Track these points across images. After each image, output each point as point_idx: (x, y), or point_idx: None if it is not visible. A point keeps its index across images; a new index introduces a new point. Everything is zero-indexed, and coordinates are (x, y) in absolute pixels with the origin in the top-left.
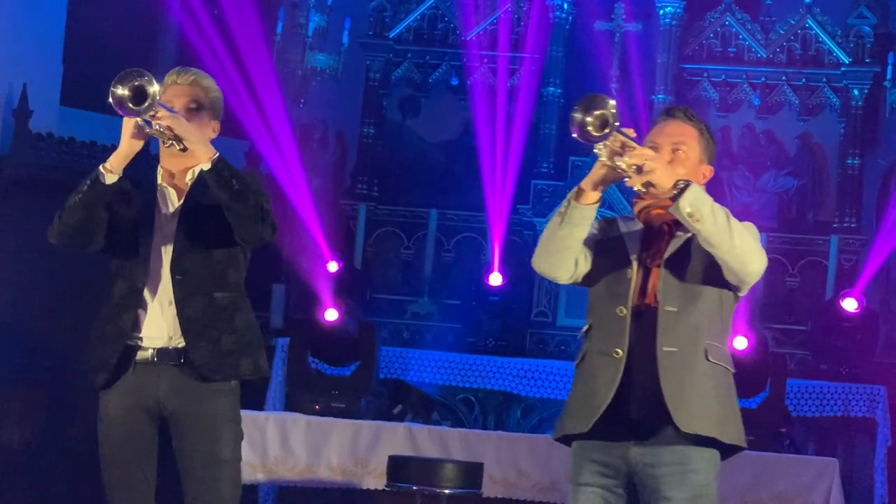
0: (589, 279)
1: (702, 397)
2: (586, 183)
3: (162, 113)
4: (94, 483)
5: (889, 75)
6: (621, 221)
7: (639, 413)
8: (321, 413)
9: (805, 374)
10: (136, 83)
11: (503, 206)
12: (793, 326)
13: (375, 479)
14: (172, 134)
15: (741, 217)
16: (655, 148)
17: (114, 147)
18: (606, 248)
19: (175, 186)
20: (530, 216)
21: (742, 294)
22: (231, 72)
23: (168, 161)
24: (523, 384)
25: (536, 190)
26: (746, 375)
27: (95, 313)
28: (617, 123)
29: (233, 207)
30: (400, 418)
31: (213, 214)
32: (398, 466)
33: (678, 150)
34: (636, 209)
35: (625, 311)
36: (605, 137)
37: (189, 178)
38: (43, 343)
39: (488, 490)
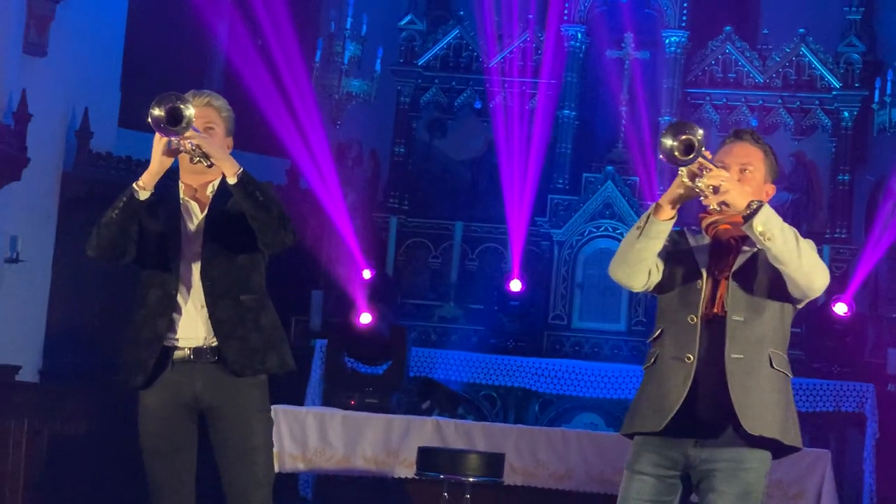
0: (660, 288)
1: (766, 402)
2: (665, 200)
3: (191, 133)
4: (140, 472)
5: (876, 98)
6: (690, 235)
7: (705, 414)
8: (356, 408)
9: (800, 373)
10: (172, 105)
11: (522, 219)
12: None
13: (406, 469)
14: (201, 152)
15: None
16: (724, 167)
17: None
18: (677, 260)
19: (197, 200)
20: (547, 228)
21: (800, 306)
22: (273, 96)
23: (188, 177)
24: (541, 382)
25: (553, 204)
26: None
27: (131, 318)
28: (703, 148)
29: (258, 217)
30: (428, 413)
31: (235, 224)
32: (427, 457)
33: (746, 170)
34: (704, 224)
35: (695, 319)
36: (692, 161)
37: (210, 191)
38: (99, 343)
39: (509, 478)
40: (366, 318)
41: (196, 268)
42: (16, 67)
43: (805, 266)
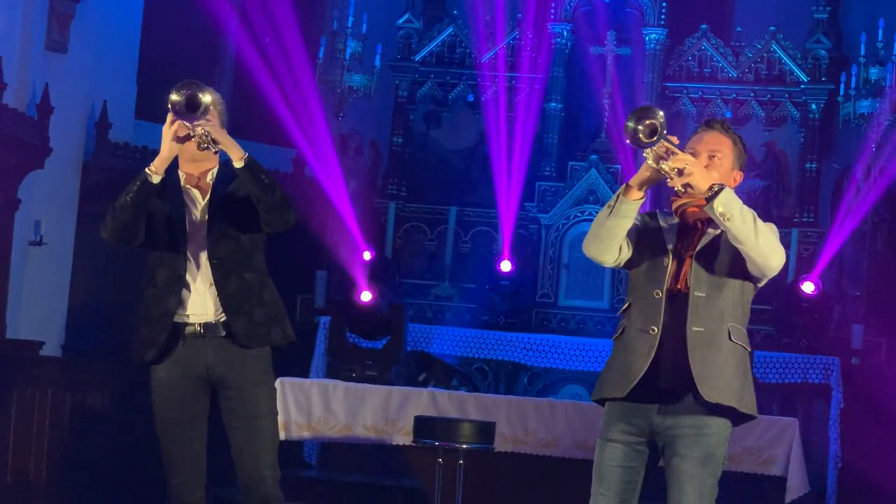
0: (631, 264)
1: (724, 372)
2: (634, 181)
3: (202, 120)
4: (158, 440)
5: (842, 92)
6: (661, 216)
7: (667, 383)
8: (357, 380)
9: (770, 347)
10: (191, 92)
11: (512, 204)
12: (759, 306)
13: (403, 437)
14: (210, 138)
15: None
16: (694, 154)
17: None
18: (647, 239)
19: (198, 187)
20: (535, 212)
21: (761, 285)
22: (280, 90)
23: (187, 166)
24: (529, 355)
25: (540, 190)
26: None
27: (137, 299)
28: (665, 132)
29: (263, 198)
30: (424, 385)
31: (237, 207)
32: (423, 425)
33: (714, 156)
34: (674, 206)
35: (660, 294)
36: (654, 143)
37: (210, 178)
38: (117, 320)
39: (500, 445)
40: (366, 297)
41: (204, 249)
42: (39, 63)
43: (762, 246)
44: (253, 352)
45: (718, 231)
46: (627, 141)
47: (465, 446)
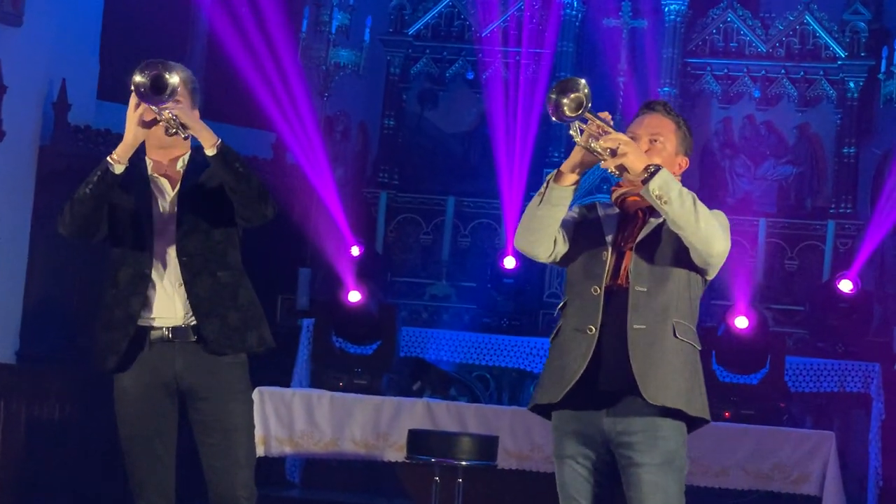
0: (567, 259)
1: (669, 372)
2: (565, 166)
3: (169, 103)
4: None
5: (883, 68)
6: (601, 207)
7: (609, 386)
8: (345, 389)
9: (803, 352)
10: (157, 73)
11: (516, 194)
12: (792, 307)
13: (396, 452)
14: (178, 122)
15: (743, 205)
16: (635, 138)
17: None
18: (584, 231)
19: (167, 176)
20: None
21: (710, 277)
22: (258, 67)
23: (155, 153)
24: (536, 362)
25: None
26: (747, 353)
27: (97, 301)
28: (589, 105)
29: (237, 188)
30: (419, 394)
31: (210, 199)
32: (418, 440)
33: (655, 140)
34: (614, 196)
35: (598, 290)
36: (578, 118)
37: (180, 166)
38: (80, 324)
39: (503, 462)
40: (354, 297)
41: (172, 245)
42: None
43: (703, 230)
44: (227, 359)
45: (660, 220)
46: (550, 114)
47: (464, 463)
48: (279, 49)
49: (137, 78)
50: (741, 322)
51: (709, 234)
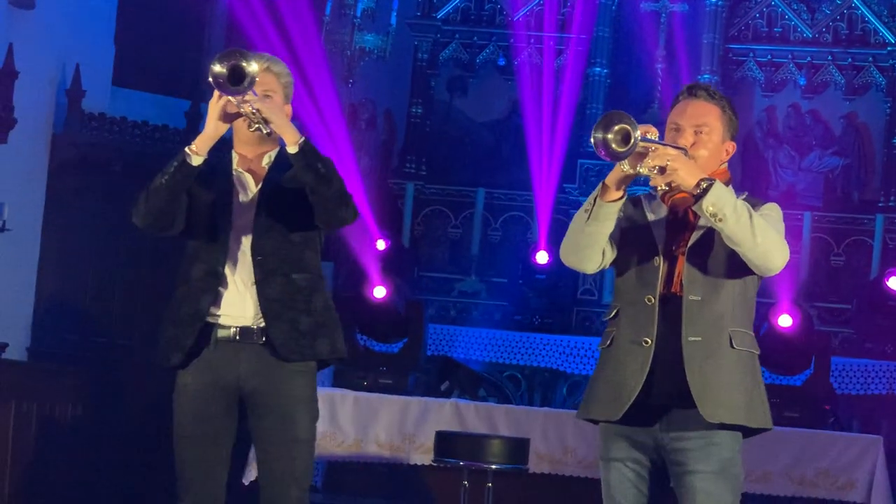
0: (616, 265)
1: (727, 385)
2: (610, 181)
3: (251, 96)
4: (138, 457)
5: None
6: (646, 203)
7: (665, 401)
8: (369, 389)
9: (850, 353)
10: (235, 62)
11: (550, 185)
12: (838, 305)
13: (422, 455)
14: (261, 117)
15: (787, 198)
16: (678, 129)
17: (164, 127)
18: (634, 236)
19: (252, 172)
20: (576, 195)
21: (766, 275)
22: (280, 52)
23: (243, 147)
24: (569, 361)
25: (583, 169)
26: (791, 353)
27: (169, 294)
28: (638, 134)
29: (318, 190)
30: (447, 395)
31: (291, 198)
32: (445, 442)
33: (700, 131)
34: (660, 192)
35: (653, 300)
36: (631, 150)
37: (266, 162)
38: (93, 320)
39: (534, 466)
40: (380, 293)
41: (247, 243)
42: (1, 20)
43: (760, 246)
44: (294, 366)
45: None
46: (602, 156)
47: (493, 467)
48: (302, 33)
49: (215, 67)
50: (785, 321)
51: (767, 248)
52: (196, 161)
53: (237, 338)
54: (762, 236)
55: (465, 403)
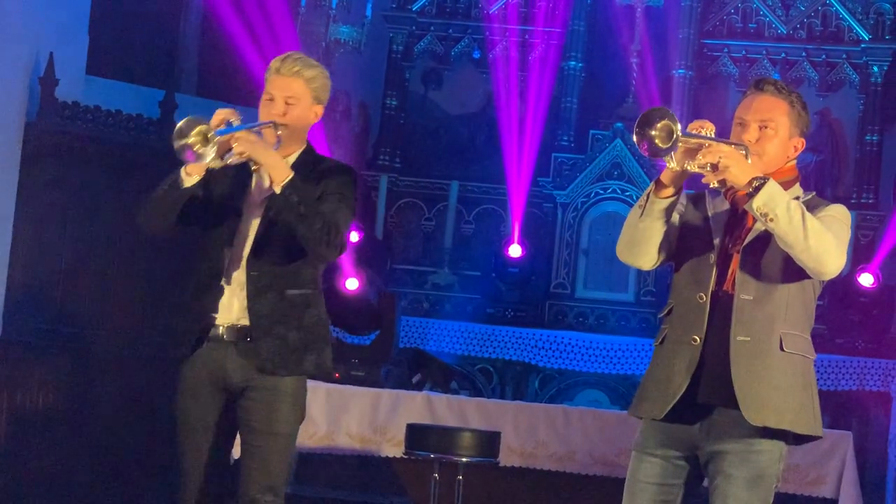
0: (674, 262)
1: (772, 388)
2: (665, 177)
3: (239, 135)
4: (110, 445)
5: None
6: (709, 200)
7: (709, 400)
8: (341, 381)
9: (820, 349)
10: (197, 129)
11: (523, 179)
12: None
13: (394, 447)
14: (248, 157)
15: None
16: (743, 125)
17: (139, 116)
18: (692, 230)
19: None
20: (550, 189)
21: (826, 279)
22: (255, 43)
23: None
24: (541, 355)
25: (557, 163)
26: None
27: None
28: (679, 127)
29: (298, 230)
30: (419, 387)
31: None
32: (416, 435)
33: (766, 126)
34: (724, 189)
35: (704, 297)
36: (674, 147)
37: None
38: (65, 309)
39: (505, 459)
40: (352, 284)
41: (248, 245)
42: None
43: (813, 249)
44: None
45: None
46: (645, 154)
47: (464, 459)
48: (276, 25)
49: (176, 143)
50: None
51: (820, 251)
52: (189, 182)
53: (224, 336)
54: (815, 239)
55: (437, 396)
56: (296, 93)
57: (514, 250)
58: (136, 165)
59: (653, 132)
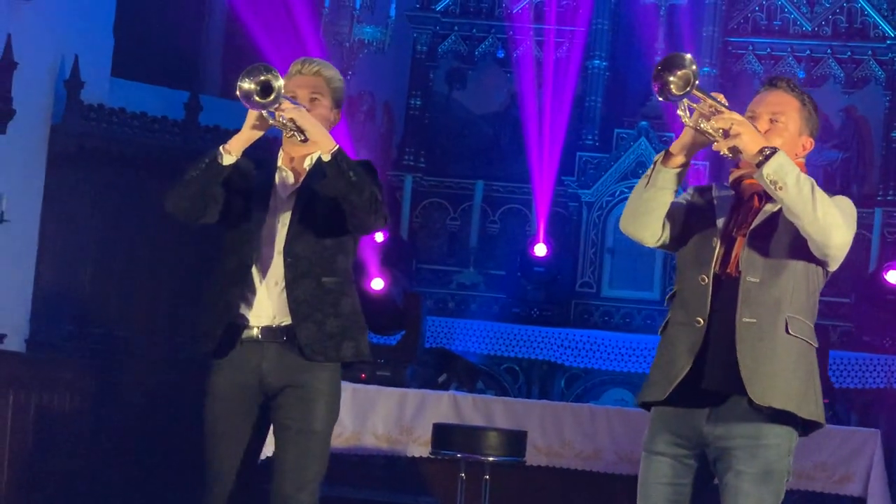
0: (678, 244)
1: (778, 370)
2: (674, 147)
3: (286, 105)
4: (136, 447)
5: None
6: (716, 189)
7: (714, 383)
8: (367, 381)
9: (848, 346)
10: (262, 78)
11: (548, 178)
12: (835, 299)
13: (420, 447)
14: (295, 125)
15: None
16: (754, 117)
17: (164, 118)
18: (696, 215)
19: (294, 170)
20: (575, 188)
21: (831, 269)
22: (279, 43)
23: (289, 146)
24: (567, 354)
25: (581, 162)
26: None
27: (206, 283)
28: (697, 81)
29: (348, 197)
30: (445, 387)
31: (327, 201)
32: (442, 434)
33: (777, 120)
34: (731, 178)
35: (707, 279)
36: (686, 95)
37: (307, 163)
38: (92, 311)
39: (532, 458)
40: (378, 285)
41: (280, 241)
42: (0, 11)
43: (821, 220)
44: (318, 363)
45: (777, 207)
46: (656, 93)
47: (491, 459)
48: (300, 25)
49: (243, 84)
50: None
51: (827, 223)
52: (227, 160)
53: (259, 338)
54: (823, 210)
55: (463, 396)
56: (320, 90)
57: (540, 249)
58: (162, 167)
59: (671, 77)
